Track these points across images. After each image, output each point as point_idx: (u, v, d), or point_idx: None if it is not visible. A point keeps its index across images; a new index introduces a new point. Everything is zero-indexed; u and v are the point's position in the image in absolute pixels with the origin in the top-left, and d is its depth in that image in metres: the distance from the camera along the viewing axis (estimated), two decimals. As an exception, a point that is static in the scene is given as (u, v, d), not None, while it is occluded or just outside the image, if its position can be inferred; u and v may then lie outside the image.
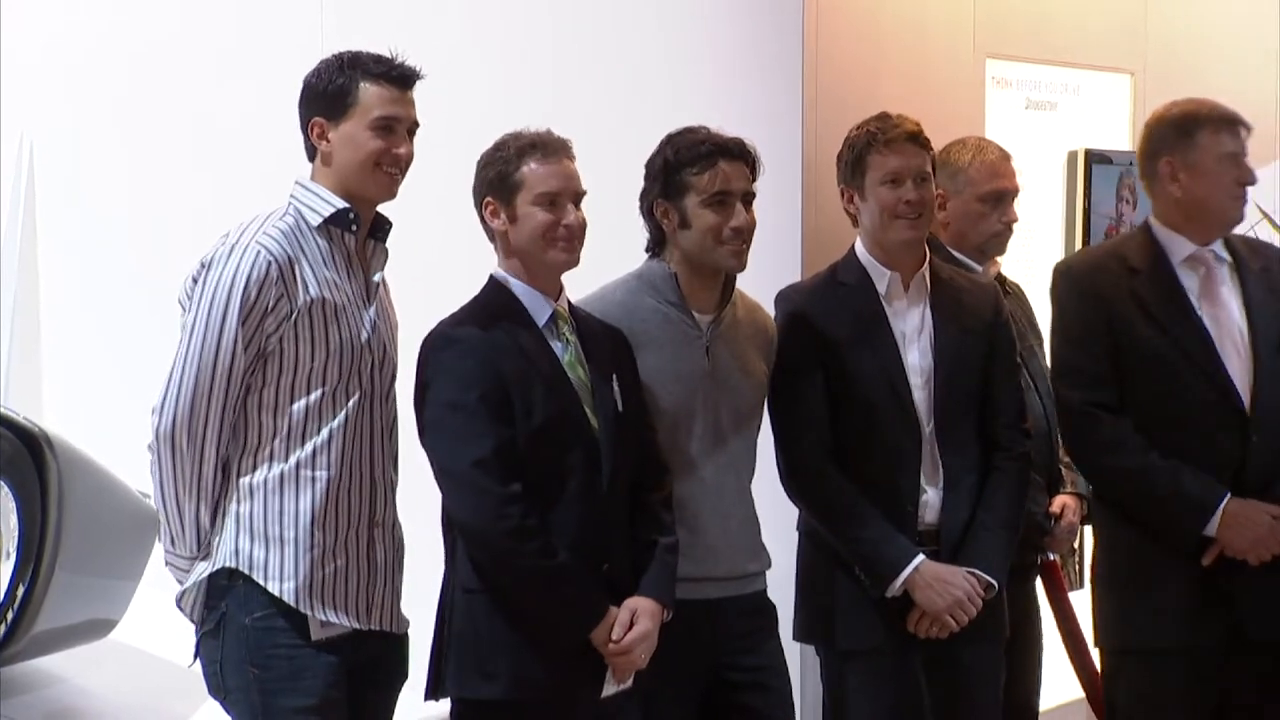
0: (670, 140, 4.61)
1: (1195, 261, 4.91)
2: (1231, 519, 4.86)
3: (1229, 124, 4.93)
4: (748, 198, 4.58)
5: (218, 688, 4.15)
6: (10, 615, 5.32)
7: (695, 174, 4.53)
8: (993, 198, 5.30)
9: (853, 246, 4.90)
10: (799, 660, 5.10)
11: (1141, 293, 4.89)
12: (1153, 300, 4.88)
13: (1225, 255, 4.98)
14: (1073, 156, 6.56)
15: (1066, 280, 5.11)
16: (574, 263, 4.38)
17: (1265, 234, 6.79)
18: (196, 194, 5.48)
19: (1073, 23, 6.61)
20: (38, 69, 6.55)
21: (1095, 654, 5.28)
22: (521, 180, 4.28)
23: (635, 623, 4.25)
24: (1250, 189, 4.98)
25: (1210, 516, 4.84)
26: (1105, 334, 4.93)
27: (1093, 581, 5.17)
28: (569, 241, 4.31)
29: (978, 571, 4.75)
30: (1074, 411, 4.99)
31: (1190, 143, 4.92)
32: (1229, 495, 4.84)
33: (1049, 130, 6.51)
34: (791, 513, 4.93)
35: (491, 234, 4.38)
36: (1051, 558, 5.60)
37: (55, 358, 6.59)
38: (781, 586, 4.88)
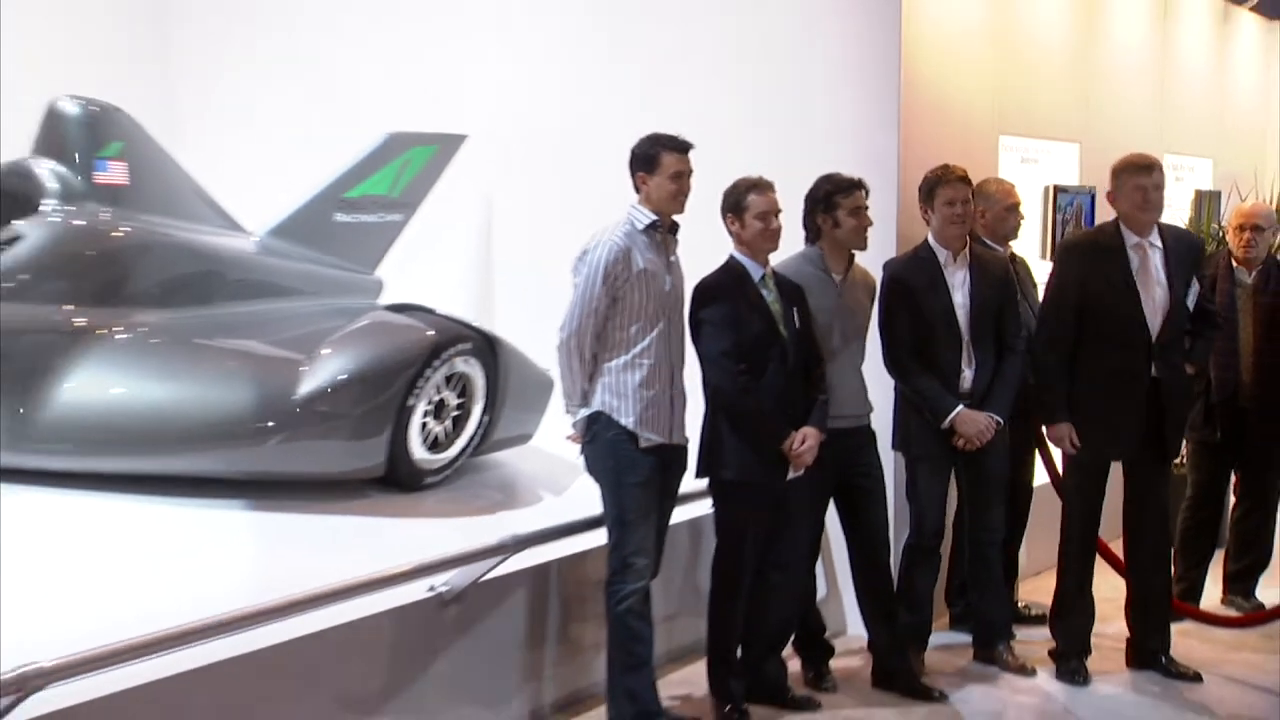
0: (827, 179, 4.62)
1: (1137, 247, 4.72)
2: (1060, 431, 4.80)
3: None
4: (866, 209, 4.62)
5: (592, 470, 4.29)
6: (482, 430, 5.51)
7: (843, 198, 4.57)
8: (1012, 208, 5.21)
9: (926, 238, 4.88)
10: (893, 461, 5.02)
11: (1103, 261, 4.73)
12: (1109, 266, 4.71)
13: (1158, 243, 4.75)
14: (1047, 189, 6.34)
15: (1064, 251, 5.02)
16: (776, 249, 4.42)
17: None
18: (576, 208, 5.37)
19: (1046, 114, 6.37)
20: (495, 131, 6.62)
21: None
22: (748, 205, 4.34)
23: (806, 440, 4.33)
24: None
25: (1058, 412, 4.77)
26: (1078, 283, 4.75)
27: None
28: (774, 240, 4.40)
29: (992, 414, 4.78)
30: (1048, 334, 4.82)
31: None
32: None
33: (1034, 175, 6.28)
34: (890, 382, 4.90)
35: (731, 232, 4.41)
36: None
37: (503, 299, 6.66)
38: (885, 421, 4.90)
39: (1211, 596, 5.78)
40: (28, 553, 4.44)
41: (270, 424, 4.99)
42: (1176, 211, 7.61)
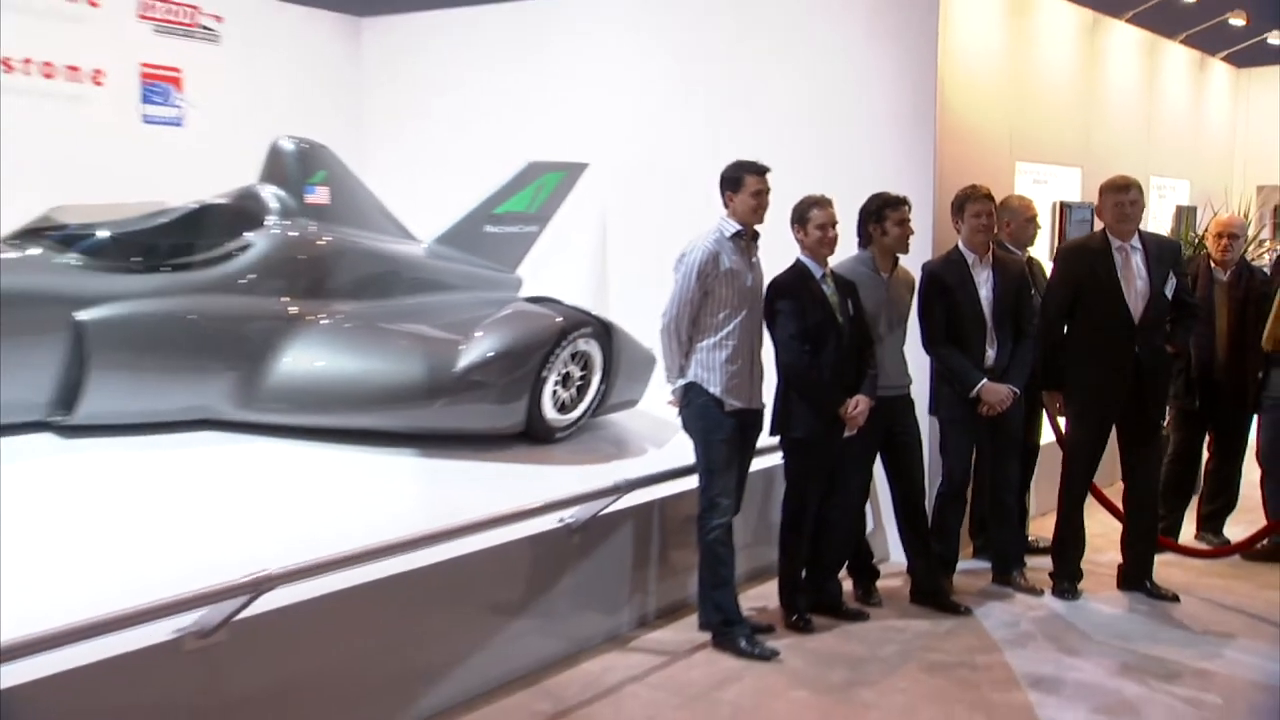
0: (877, 196, 4.53)
1: (1120, 249, 4.61)
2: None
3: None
4: (909, 221, 4.53)
5: (687, 428, 4.25)
6: (599, 396, 5.41)
7: (892, 210, 4.49)
8: (1031, 219, 5.07)
9: (957, 244, 4.78)
10: (928, 423, 4.90)
11: (1093, 260, 4.62)
12: (1097, 263, 4.61)
13: (1139, 245, 4.62)
14: (1055, 205, 6.15)
15: (1061, 253, 4.96)
16: (833, 254, 4.34)
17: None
18: (674, 221, 5.21)
19: (1055, 143, 6.20)
20: (611, 160, 6.56)
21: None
22: (811, 217, 4.27)
23: (858, 405, 4.29)
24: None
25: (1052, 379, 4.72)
26: (1073, 279, 4.67)
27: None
28: (831, 246, 4.31)
29: (1010, 386, 4.69)
30: (1046, 319, 4.76)
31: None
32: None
33: (1046, 193, 6.04)
34: (927, 359, 4.81)
35: (797, 239, 4.34)
36: None
37: (616, 293, 6.57)
38: (922, 391, 4.80)
39: (1188, 533, 5.70)
40: (254, 486, 4.54)
41: (436, 390, 5.03)
42: (1160, 224, 7.43)
